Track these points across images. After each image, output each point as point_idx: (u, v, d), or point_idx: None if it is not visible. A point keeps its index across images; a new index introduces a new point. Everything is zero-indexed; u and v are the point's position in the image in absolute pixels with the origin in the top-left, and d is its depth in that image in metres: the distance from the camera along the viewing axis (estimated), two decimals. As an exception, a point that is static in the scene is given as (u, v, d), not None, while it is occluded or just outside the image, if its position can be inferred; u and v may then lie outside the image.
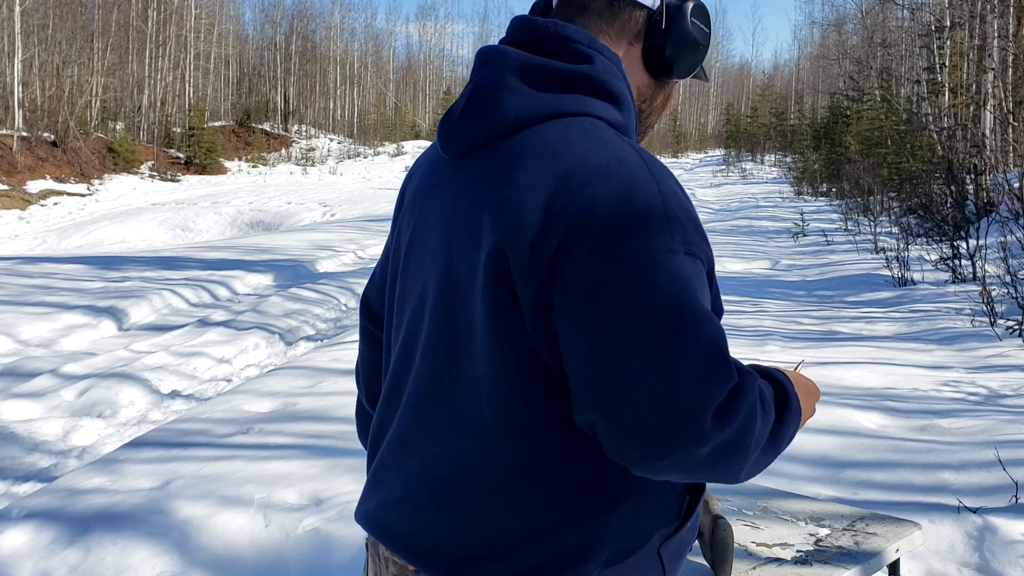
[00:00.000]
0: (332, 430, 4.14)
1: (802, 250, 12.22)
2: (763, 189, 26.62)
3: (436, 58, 70.06)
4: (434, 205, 1.00)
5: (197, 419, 4.49)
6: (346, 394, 4.79)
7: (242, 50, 51.55)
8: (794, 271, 10.32)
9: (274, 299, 8.40)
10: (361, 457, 3.72)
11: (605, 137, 0.89)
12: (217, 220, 20.64)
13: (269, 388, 5.04)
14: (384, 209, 20.79)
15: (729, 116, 55.45)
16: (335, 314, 8.35)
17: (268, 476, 3.54)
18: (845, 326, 6.66)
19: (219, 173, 36.50)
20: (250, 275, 9.94)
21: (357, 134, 53.47)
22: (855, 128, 21.31)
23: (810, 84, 50.73)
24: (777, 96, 54.33)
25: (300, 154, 45.66)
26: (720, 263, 10.88)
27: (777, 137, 41.98)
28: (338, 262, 11.70)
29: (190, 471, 3.64)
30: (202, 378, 5.99)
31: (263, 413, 4.55)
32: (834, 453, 3.67)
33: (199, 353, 6.41)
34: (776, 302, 8.03)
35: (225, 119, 45.71)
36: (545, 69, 0.92)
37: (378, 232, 14.74)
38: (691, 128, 70.34)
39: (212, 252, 11.99)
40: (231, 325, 7.28)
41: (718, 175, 35.53)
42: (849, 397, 4.52)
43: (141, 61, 37.18)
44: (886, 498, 3.13)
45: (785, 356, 5.51)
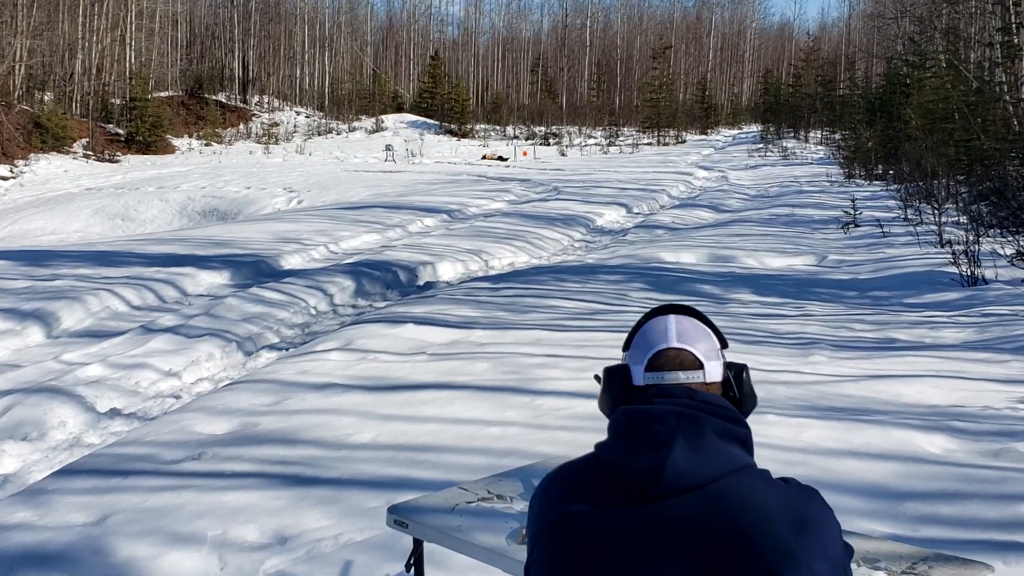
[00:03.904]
0: (300, 455, 4.14)
1: (853, 243, 12.23)
2: (807, 171, 26.64)
3: (422, 16, 70.09)
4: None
5: (140, 442, 4.49)
6: (316, 412, 4.80)
7: (192, 7, 51.55)
8: (844, 268, 10.32)
9: (231, 301, 8.40)
10: (336, 488, 3.72)
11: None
12: (163, 208, 20.63)
13: (225, 406, 5.04)
14: (361, 195, 20.81)
15: (767, 85, 55.49)
16: (303, 318, 8.35)
17: (224, 509, 3.53)
18: (904, 333, 6.67)
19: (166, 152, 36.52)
20: (203, 273, 9.93)
21: (329, 107, 53.47)
22: (916, 99, 21.33)
23: (863, 47, 50.74)
24: (824, 62, 54.36)
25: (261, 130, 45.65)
26: (757, 258, 10.89)
27: (824, 110, 42.01)
28: (306, 257, 11.70)
29: (132, 504, 3.63)
30: (146, 394, 5.99)
31: (218, 435, 4.55)
32: (891, 482, 3.67)
33: (142, 364, 6.41)
34: (823, 304, 8.04)
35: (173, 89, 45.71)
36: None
37: (354, 222, 14.76)
38: (722, 99, 70.37)
39: (158, 246, 11.99)
40: (180, 331, 7.28)
41: (754, 155, 35.56)
42: (909, 416, 4.52)
43: (73, 20, 37.16)
44: (952, 535, 3.13)
45: (834, 368, 5.51)
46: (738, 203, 19.18)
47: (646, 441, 1.34)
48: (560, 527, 1.36)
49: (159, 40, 45.23)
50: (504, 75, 72.60)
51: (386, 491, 3.63)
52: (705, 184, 24.99)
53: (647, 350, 1.48)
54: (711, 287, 8.83)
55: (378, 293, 9.74)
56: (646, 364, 1.46)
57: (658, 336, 1.48)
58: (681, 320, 1.50)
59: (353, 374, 5.64)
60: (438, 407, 4.85)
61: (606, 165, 31.69)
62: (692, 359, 1.45)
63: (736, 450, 1.36)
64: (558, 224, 15.22)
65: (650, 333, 1.50)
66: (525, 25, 77.37)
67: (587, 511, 1.36)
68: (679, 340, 1.47)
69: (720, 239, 12.79)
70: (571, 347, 6.15)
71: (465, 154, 39.66)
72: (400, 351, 6.23)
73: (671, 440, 1.33)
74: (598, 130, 54.54)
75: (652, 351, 1.47)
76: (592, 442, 1.45)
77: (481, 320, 7.23)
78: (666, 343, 1.47)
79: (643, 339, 1.50)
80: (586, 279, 9.31)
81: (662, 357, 1.45)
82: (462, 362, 5.85)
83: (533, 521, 1.43)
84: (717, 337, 1.51)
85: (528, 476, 2.42)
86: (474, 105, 60.02)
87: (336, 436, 4.41)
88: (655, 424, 1.35)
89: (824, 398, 4.87)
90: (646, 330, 1.51)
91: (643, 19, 74.98)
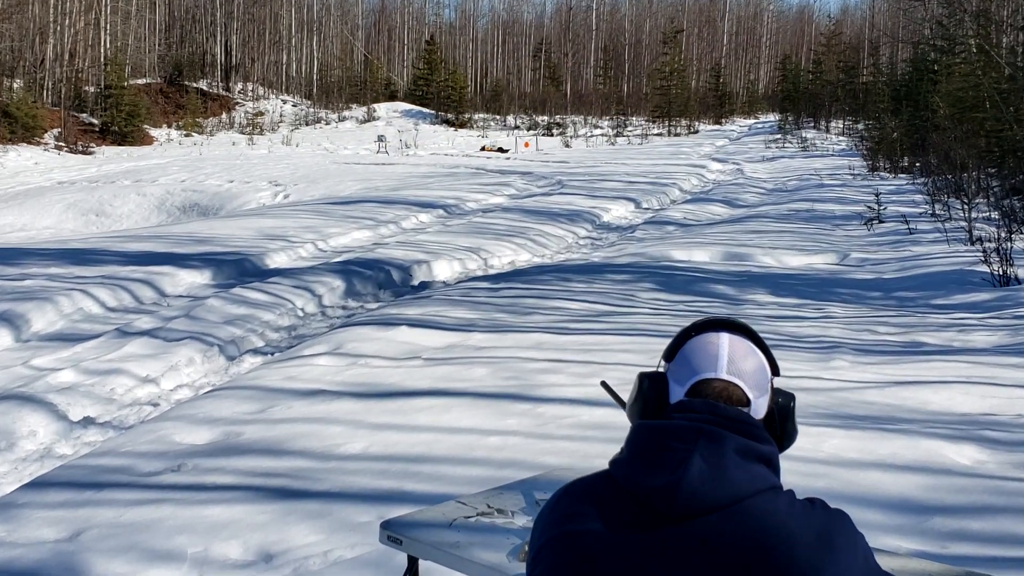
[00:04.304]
0: (286, 466, 4.14)
1: (878, 240, 12.23)
2: (828, 164, 26.64)
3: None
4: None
5: (116, 453, 4.50)
6: (303, 421, 4.80)
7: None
8: (867, 267, 10.33)
9: (212, 302, 8.41)
10: (324, 501, 3.72)
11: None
12: (141, 203, 20.64)
13: (207, 414, 5.04)
14: (351, 189, 20.82)
15: (786, 72, 55.52)
16: (289, 321, 8.36)
17: (205, 524, 3.54)
18: (932, 336, 6.67)
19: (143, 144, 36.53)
20: (182, 272, 9.94)
21: (317, 95, 53.51)
22: (944, 87, 21.33)
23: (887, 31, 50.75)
24: (846, 47, 54.38)
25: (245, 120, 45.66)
26: (774, 256, 10.90)
27: (846, 98, 42.02)
28: (293, 255, 11.71)
29: (107, 518, 3.64)
30: (122, 401, 5.99)
31: (199, 445, 4.55)
32: (918, 496, 3.67)
33: (118, 370, 6.41)
34: (845, 306, 8.04)
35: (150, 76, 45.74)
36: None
37: (344, 218, 14.77)
38: (737, 87, 70.39)
39: (135, 243, 12.00)
40: (158, 335, 7.29)
41: (771, 146, 35.56)
42: (937, 425, 4.52)
43: (44, 2, 37.19)
44: (983, 552, 3.13)
45: (856, 374, 5.51)
46: (754, 198, 19.18)
47: (662, 459, 1.33)
48: (565, 545, 1.35)
49: (136, 24, 45.25)
50: (504, 61, 72.64)
51: (378, 505, 3.63)
52: (719, 177, 24.99)
53: (692, 375, 1.44)
54: (725, 287, 8.83)
55: (370, 294, 9.74)
56: (688, 389, 1.44)
57: (707, 361, 1.44)
58: (735, 343, 1.46)
59: (343, 380, 5.64)
60: (434, 415, 4.85)
61: (613, 157, 31.69)
62: (740, 396, 1.42)
63: (759, 470, 1.35)
64: (562, 220, 15.23)
65: (698, 354, 1.46)
66: (527, 7, 77.51)
67: (596, 530, 1.35)
68: (729, 370, 1.43)
69: (735, 236, 12.79)
70: (576, 351, 6.15)
71: (463, 145, 39.66)
72: (393, 355, 6.23)
73: (688, 458, 1.32)
74: (605, 120, 54.57)
75: (697, 378, 1.44)
76: (598, 452, 1.45)
77: (480, 322, 7.23)
78: (715, 372, 1.43)
79: (690, 358, 1.46)
80: (592, 279, 9.31)
81: (707, 387, 1.43)
82: (459, 367, 5.85)
83: (537, 537, 1.41)
84: (770, 364, 1.49)
85: (530, 489, 2.42)
86: (472, 93, 60.07)
87: (325, 446, 4.41)
88: (673, 441, 1.34)
89: (846, 406, 4.87)
90: (695, 348, 1.46)
91: (653, 1, 75.01)
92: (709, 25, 74.77)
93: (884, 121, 25.56)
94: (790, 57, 63.65)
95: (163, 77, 46.39)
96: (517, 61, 72.62)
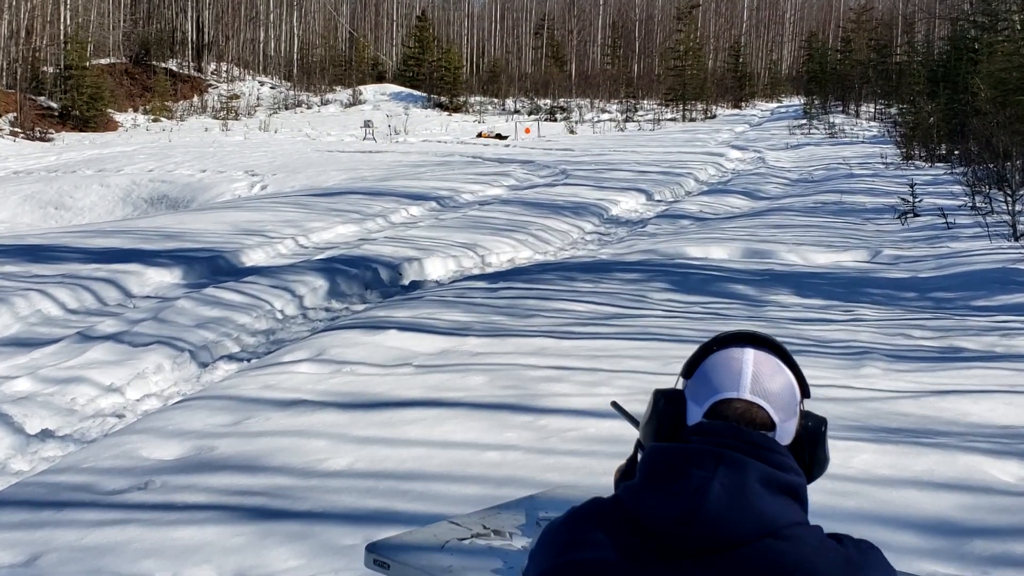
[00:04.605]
0: (264, 484, 4.14)
1: (912, 236, 12.24)
2: (858, 151, 26.64)
3: (407, -29, 70.11)
4: None
5: (77, 469, 4.49)
6: (283, 434, 4.80)
7: (139, -40, 51.59)
8: (901, 265, 10.33)
9: (183, 303, 8.41)
10: (306, 522, 3.72)
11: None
12: (104, 195, 20.63)
13: (177, 426, 5.04)
14: (335, 179, 20.81)
15: (811, 51, 55.52)
16: (267, 324, 8.35)
17: (175, 547, 3.54)
18: (972, 341, 6.67)
19: (107, 129, 36.54)
20: (150, 270, 9.93)
21: (298, 76, 53.51)
22: (986, 67, 21.32)
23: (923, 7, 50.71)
24: (878, 24, 54.41)
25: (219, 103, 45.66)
26: (799, 253, 10.90)
27: (878, 80, 42.02)
28: (271, 252, 11.71)
29: (68, 541, 3.64)
30: (84, 412, 5.98)
31: (168, 461, 4.55)
32: (956, 516, 3.67)
33: (79, 378, 6.41)
34: (876, 308, 8.04)
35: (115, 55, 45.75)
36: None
37: (327, 211, 14.77)
38: (759, 67, 70.39)
39: (98, 239, 12.00)
40: (124, 339, 7.28)
41: (796, 132, 35.56)
42: (977, 439, 4.52)
43: (-1, -25, 37.18)
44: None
45: (889, 382, 5.51)
46: (777, 189, 19.19)
47: (677, 485, 1.32)
48: (570, 574, 1.34)
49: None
50: (503, 39, 72.64)
51: (364, 526, 3.63)
52: (739, 166, 25.01)
53: (712, 394, 1.43)
54: (745, 287, 8.83)
55: (355, 294, 9.74)
56: (707, 410, 1.42)
57: (729, 379, 1.42)
58: (760, 360, 1.44)
59: (326, 389, 5.64)
60: (426, 428, 4.85)
61: (623, 144, 31.70)
62: (765, 418, 1.41)
63: (783, 502, 1.33)
64: (566, 213, 15.24)
65: (719, 371, 1.44)
66: (528, -20, 77.41)
67: (599, 560, 1.34)
68: (753, 390, 1.41)
69: (756, 231, 12.79)
70: (581, 358, 6.16)
71: (457, 131, 39.67)
72: (381, 362, 6.24)
73: (706, 485, 1.30)
74: (613, 103, 54.61)
75: (718, 397, 1.42)
76: (606, 469, 1.45)
77: (476, 326, 7.23)
78: (737, 392, 1.41)
79: (710, 375, 1.44)
80: (599, 278, 9.31)
81: (728, 408, 1.41)
82: (454, 375, 5.85)
83: (538, 563, 1.41)
84: (799, 385, 1.47)
85: (531, 508, 2.42)
86: (468, 74, 60.09)
87: (306, 462, 4.41)
88: (689, 466, 1.33)
89: (878, 417, 4.87)
90: (716, 364, 1.45)
91: (666, -27, 75.05)
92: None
93: (919, 105, 25.56)
94: (816, 35, 63.65)
95: (129, 57, 46.39)
96: (517, 39, 72.62)
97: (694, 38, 56.17)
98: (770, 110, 54.02)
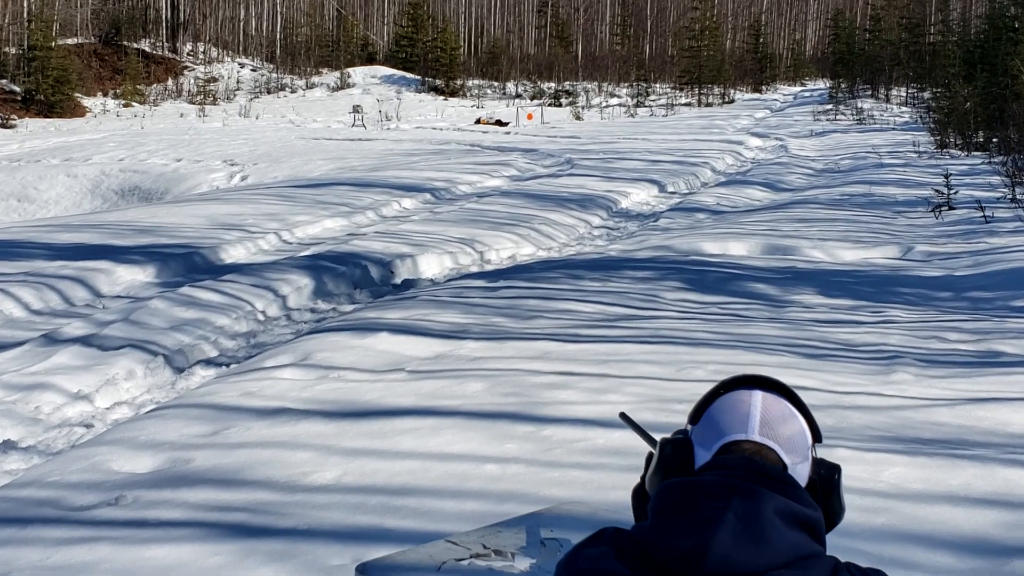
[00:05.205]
0: (244, 499, 4.14)
1: (947, 231, 12.23)
2: (889, 139, 26.63)
3: (399, -57, 70.09)
4: None
5: (42, 483, 4.49)
6: (265, 445, 4.80)
7: (109, -69, 51.59)
8: (935, 262, 10.33)
9: (156, 304, 8.41)
10: (290, 540, 3.72)
11: None
12: (71, 186, 20.64)
13: (149, 437, 5.04)
14: (322, 169, 20.81)
15: (837, 31, 55.49)
16: (248, 326, 8.36)
17: (148, 568, 3.54)
18: (1012, 345, 6.66)
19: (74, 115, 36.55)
20: (121, 268, 9.94)
21: (281, 58, 53.54)
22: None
23: (959, -18, 50.68)
24: (909, 1, 54.37)
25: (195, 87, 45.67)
26: (824, 249, 10.90)
27: (910, 62, 42.01)
28: (253, 248, 11.71)
29: (32, 560, 3.64)
30: (48, 422, 5.98)
31: (141, 474, 4.55)
32: (995, 534, 3.67)
33: (44, 384, 6.41)
34: (908, 308, 8.04)
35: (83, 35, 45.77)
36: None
37: (313, 203, 14.77)
38: (781, 48, 70.38)
39: (64, 233, 12.01)
40: (92, 342, 7.28)
41: (821, 118, 35.55)
42: (1018, 451, 4.52)
43: (-43, -52, 37.18)
44: (1074, 602, 3.13)
45: (922, 389, 5.51)
46: (801, 180, 19.18)
47: (689, 518, 1.35)
48: None
49: (66, -27, 45.26)
50: (504, 18, 72.63)
51: (354, 545, 3.63)
52: (759, 155, 25.00)
53: (719, 437, 1.47)
54: (766, 286, 8.83)
55: (343, 294, 9.74)
56: (715, 453, 1.47)
57: (736, 421, 1.47)
58: (768, 402, 1.49)
59: (311, 397, 5.65)
60: (420, 439, 4.85)
61: (633, 131, 31.70)
62: (775, 460, 1.45)
63: (801, 536, 1.36)
64: (572, 206, 15.24)
65: (727, 414, 1.49)
66: (530, -46, 77.38)
67: None
68: (762, 432, 1.46)
69: (778, 225, 12.79)
70: (588, 363, 6.15)
71: (454, 117, 39.68)
72: (371, 367, 6.24)
73: (720, 516, 1.33)
74: (623, 87, 54.62)
75: (725, 440, 1.47)
76: (615, 483, 1.46)
77: (474, 328, 7.23)
78: (745, 434, 1.46)
79: (717, 418, 1.49)
80: (607, 276, 9.32)
81: (737, 450, 1.46)
82: (450, 381, 5.85)
83: None
84: (811, 429, 1.51)
85: (534, 526, 2.42)
86: (465, 56, 60.09)
87: (290, 475, 4.41)
88: (704, 498, 1.36)
89: (910, 427, 4.87)
90: (723, 407, 1.50)
91: (680, -54, 75.02)
92: (747, -25, 74.81)
93: (955, 89, 25.54)
94: (843, 13, 63.61)
95: (97, 36, 46.39)
96: (519, 17, 72.61)
97: (710, 16, 56.16)
98: (793, 94, 53.99)
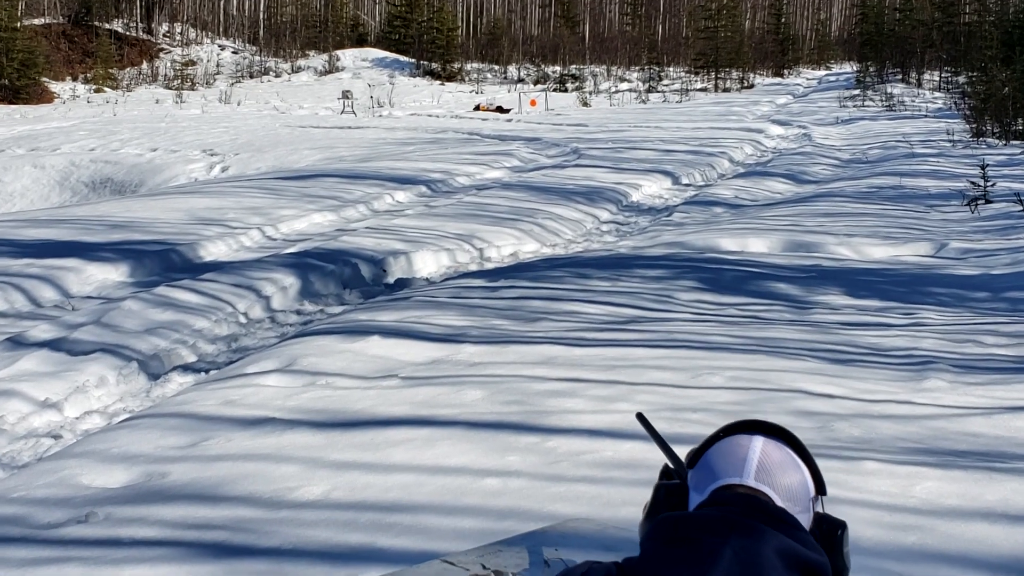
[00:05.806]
0: (225, 516, 4.14)
1: (984, 226, 12.23)
2: (920, 127, 26.63)
3: (392, -84, 70.12)
4: None
5: (6, 499, 4.50)
6: (247, 458, 4.80)
7: (79, -97, 51.63)
8: (971, 260, 10.32)
9: (130, 305, 8.41)
10: (275, 560, 3.73)
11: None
12: (38, 177, 20.65)
13: (122, 449, 5.04)
14: (309, 159, 20.81)
15: (865, 10, 55.50)
16: (229, 329, 8.36)
17: (121, 590, 3.53)
18: (1054, 349, 6.66)
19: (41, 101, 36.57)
20: (91, 266, 9.94)
21: (265, 39, 53.56)
22: (1070, 29, 21.26)
23: (997, -42, 50.66)
24: (943, -23, 54.37)
25: (172, 71, 45.67)
26: (851, 246, 10.90)
27: (943, 44, 42.00)
28: (234, 244, 11.72)
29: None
30: (14, 433, 5.99)
31: (113, 489, 4.56)
32: (1036, 554, 3.67)
33: (8, 392, 6.41)
34: (941, 310, 8.04)
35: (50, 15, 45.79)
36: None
37: (299, 197, 14.77)
38: (804, 29, 70.35)
39: (30, 229, 12.01)
40: (61, 347, 7.29)
41: (848, 104, 35.56)
42: (1060, 463, 4.52)
43: (-85, -79, 37.22)
44: (1120, 627, 3.13)
45: (957, 397, 5.51)
46: (826, 171, 19.18)
47: (684, 552, 1.36)
48: None
49: (32, -52, 45.30)
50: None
51: (343, 565, 3.63)
52: (780, 144, 25.01)
53: (713, 480, 1.50)
54: (788, 286, 8.83)
55: (332, 294, 9.75)
56: (707, 497, 1.48)
57: (732, 465, 1.49)
58: (769, 448, 1.51)
59: (297, 406, 5.65)
60: (414, 450, 4.85)
61: (645, 119, 31.70)
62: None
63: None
64: (579, 199, 15.24)
65: (723, 457, 1.51)
66: (533, -73, 77.37)
67: None
68: (758, 477, 1.47)
69: (801, 220, 12.79)
70: (596, 368, 6.15)
71: (451, 103, 39.69)
72: (362, 374, 6.24)
73: (718, 551, 1.34)
74: (633, 71, 54.64)
75: (719, 483, 1.49)
76: (624, 499, 1.47)
77: (473, 331, 7.23)
78: (739, 478, 1.48)
79: (713, 462, 1.52)
80: (617, 275, 9.32)
81: (730, 494, 1.47)
82: (447, 389, 5.85)
83: None
84: (813, 480, 1.52)
85: (537, 545, 2.42)
86: (463, 37, 60.11)
87: (274, 491, 4.41)
88: (701, 533, 1.38)
89: (944, 438, 4.86)
90: (721, 451, 1.52)
91: (695, -81, 75.03)
92: (767, -51, 74.78)
93: (992, 73, 25.54)
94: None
95: (66, 16, 46.42)
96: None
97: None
98: (817, 78, 54.01)
